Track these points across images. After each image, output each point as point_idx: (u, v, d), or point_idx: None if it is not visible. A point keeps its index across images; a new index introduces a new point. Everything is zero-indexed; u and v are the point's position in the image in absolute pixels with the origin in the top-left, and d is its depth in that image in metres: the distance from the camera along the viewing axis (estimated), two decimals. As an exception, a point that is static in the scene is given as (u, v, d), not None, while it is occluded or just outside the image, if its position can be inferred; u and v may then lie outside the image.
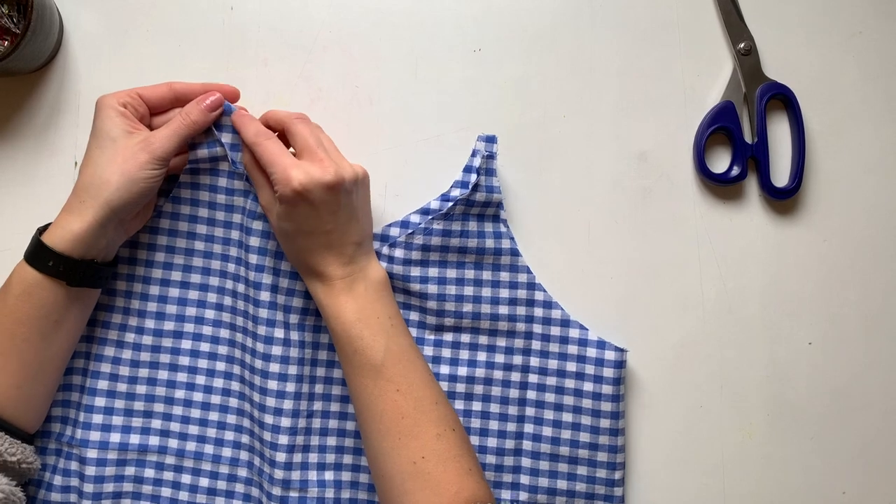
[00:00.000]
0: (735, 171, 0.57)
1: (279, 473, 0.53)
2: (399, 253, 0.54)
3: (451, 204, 0.54)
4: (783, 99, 0.58)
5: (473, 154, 0.55)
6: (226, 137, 0.52)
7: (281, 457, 0.52)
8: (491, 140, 0.54)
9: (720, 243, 0.58)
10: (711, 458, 0.57)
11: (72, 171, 0.57)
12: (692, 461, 0.57)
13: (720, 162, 0.58)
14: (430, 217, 0.54)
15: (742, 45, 0.57)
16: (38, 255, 0.47)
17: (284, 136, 0.51)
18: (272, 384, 0.52)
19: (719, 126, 0.57)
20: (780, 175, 0.58)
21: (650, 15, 0.59)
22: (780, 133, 0.58)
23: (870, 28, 0.59)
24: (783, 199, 0.57)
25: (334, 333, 0.49)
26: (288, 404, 0.52)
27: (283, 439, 0.52)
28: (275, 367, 0.52)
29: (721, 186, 0.58)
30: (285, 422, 0.52)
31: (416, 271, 0.54)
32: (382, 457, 0.47)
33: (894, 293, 0.58)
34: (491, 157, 0.54)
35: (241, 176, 0.52)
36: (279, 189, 0.47)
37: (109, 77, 0.58)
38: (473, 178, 0.54)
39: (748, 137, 0.58)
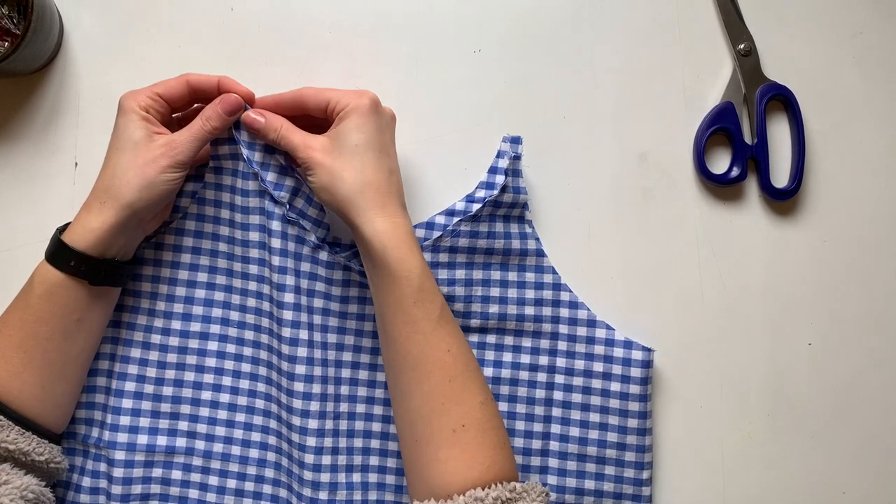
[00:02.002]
0: (735, 171, 0.57)
1: (308, 475, 0.52)
2: (426, 256, 0.53)
3: (477, 205, 0.53)
4: (783, 100, 0.58)
5: (499, 155, 0.55)
6: (243, 136, 0.51)
7: (309, 458, 0.52)
8: (516, 141, 0.54)
9: (720, 243, 0.58)
10: (711, 458, 0.57)
11: (72, 171, 0.57)
12: (692, 461, 0.57)
13: (720, 162, 0.58)
14: (455, 218, 0.54)
15: (742, 46, 0.57)
16: (60, 254, 0.47)
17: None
18: (298, 385, 0.52)
19: (719, 127, 0.57)
20: (780, 176, 0.58)
21: (650, 15, 0.59)
22: (779, 134, 0.58)
23: (870, 28, 0.59)
24: (783, 200, 0.57)
25: (394, 275, 0.46)
26: (315, 406, 0.52)
27: (311, 441, 0.52)
28: (300, 369, 0.52)
29: (721, 187, 0.58)
30: (312, 423, 0.52)
31: (443, 273, 0.54)
32: (420, 420, 0.45)
33: (894, 293, 0.58)
34: (517, 157, 0.54)
35: (255, 176, 0.52)
36: (353, 102, 0.48)
37: (109, 77, 0.58)
38: (499, 178, 0.54)
39: (748, 138, 0.58)
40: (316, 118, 0.51)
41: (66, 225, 0.49)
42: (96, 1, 0.58)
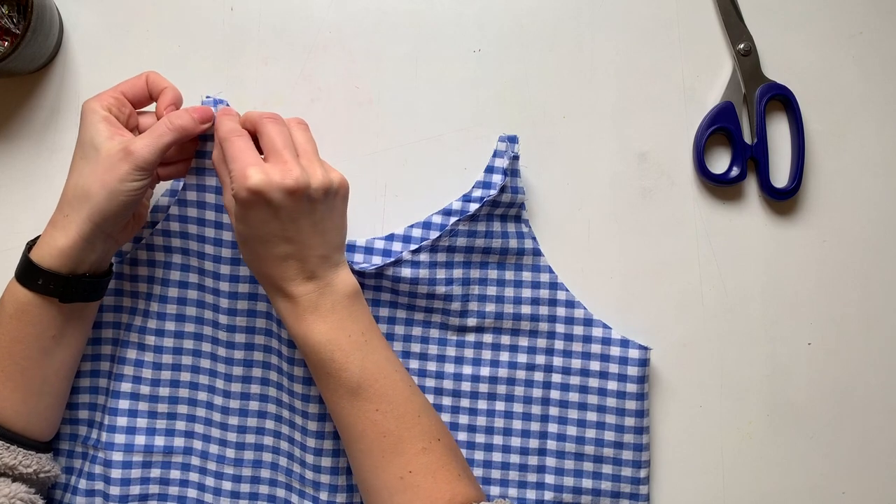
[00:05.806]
0: (735, 171, 0.57)
1: (309, 474, 0.53)
2: (424, 257, 0.53)
3: (475, 205, 0.53)
4: (783, 99, 0.58)
5: (496, 154, 0.55)
6: None
7: (310, 458, 0.52)
8: (513, 140, 0.55)
9: (720, 243, 0.58)
10: (711, 458, 0.57)
11: (72, 171, 0.57)
12: (692, 461, 0.57)
13: (720, 162, 0.58)
14: (453, 218, 0.54)
15: (742, 46, 0.58)
16: (28, 273, 0.46)
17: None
18: (298, 387, 0.52)
19: (719, 126, 0.57)
20: (780, 175, 0.58)
21: (650, 15, 0.59)
22: (779, 133, 0.58)
23: (870, 28, 0.59)
24: (783, 200, 0.57)
25: (305, 355, 0.47)
26: (314, 408, 0.52)
27: (311, 442, 0.52)
28: (299, 371, 0.52)
29: (721, 187, 0.58)
30: (312, 426, 0.52)
31: (441, 274, 0.54)
32: (366, 473, 0.46)
33: (894, 293, 0.58)
34: (515, 157, 0.54)
35: None
36: (234, 187, 0.43)
37: (109, 77, 0.57)
38: (497, 178, 0.54)
39: (748, 138, 0.58)
40: None
41: (37, 238, 0.48)
42: (96, 1, 0.58)
